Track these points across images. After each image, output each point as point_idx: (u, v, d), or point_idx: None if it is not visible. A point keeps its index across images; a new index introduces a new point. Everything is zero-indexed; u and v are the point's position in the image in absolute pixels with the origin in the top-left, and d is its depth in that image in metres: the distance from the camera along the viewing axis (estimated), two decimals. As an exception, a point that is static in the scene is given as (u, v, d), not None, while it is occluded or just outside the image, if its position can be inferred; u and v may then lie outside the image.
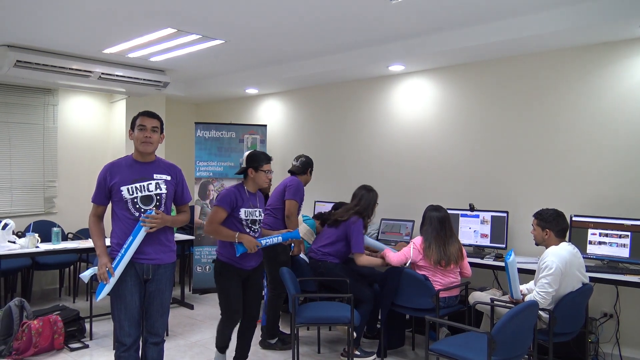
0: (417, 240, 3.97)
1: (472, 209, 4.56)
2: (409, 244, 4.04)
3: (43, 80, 5.73)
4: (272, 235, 3.64)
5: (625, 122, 4.00)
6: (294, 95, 6.55)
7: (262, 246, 3.52)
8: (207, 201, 6.27)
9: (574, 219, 3.96)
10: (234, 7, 3.83)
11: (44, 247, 4.67)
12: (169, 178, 3.03)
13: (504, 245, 4.38)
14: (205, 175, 6.30)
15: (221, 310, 3.59)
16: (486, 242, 4.48)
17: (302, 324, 3.71)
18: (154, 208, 2.93)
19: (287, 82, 6.10)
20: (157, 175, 2.99)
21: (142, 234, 2.87)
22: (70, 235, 5.97)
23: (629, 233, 3.76)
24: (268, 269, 4.39)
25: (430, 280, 3.83)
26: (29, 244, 4.55)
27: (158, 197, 2.96)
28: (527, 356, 3.27)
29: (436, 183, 5.10)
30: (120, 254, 2.86)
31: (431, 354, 3.08)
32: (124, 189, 2.90)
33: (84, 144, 6.75)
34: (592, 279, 3.49)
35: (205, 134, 6.33)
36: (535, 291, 3.28)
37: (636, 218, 3.79)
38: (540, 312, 3.24)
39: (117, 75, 5.65)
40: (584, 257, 3.46)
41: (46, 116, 6.39)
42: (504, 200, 4.58)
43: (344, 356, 4.11)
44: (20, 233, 5.27)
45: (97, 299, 2.92)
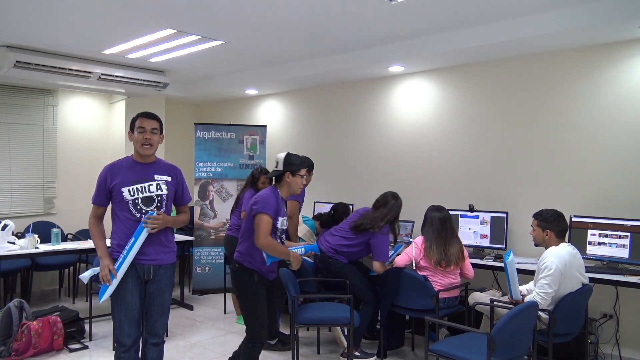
0: (419, 240, 3.97)
1: (471, 209, 4.56)
2: (409, 244, 4.04)
3: (42, 81, 5.74)
4: (294, 247, 3.44)
5: (625, 123, 4.01)
6: (294, 96, 6.55)
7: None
8: (207, 202, 6.27)
9: (573, 219, 3.96)
10: (233, 8, 3.83)
11: (44, 247, 4.66)
12: (169, 179, 3.03)
13: (503, 246, 4.38)
14: (205, 176, 6.30)
15: (248, 328, 3.24)
16: (486, 242, 4.48)
17: (302, 324, 3.70)
18: (155, 209, 2.93)
19: (287, 83, 6.10)
20: (157, 176, 2.99)
21: (144, 235, 2.87)
22: (69, 236, 5.97)
23: (628, 234, 3.76)
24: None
25: (430, 280, 3.83)
26: (29, 245, 4.55)
27: (159, 198, 2.96)
28: (526, 357, 3.26)
29: (436, 184, 5.10)
30: (122, 255, 2.86)
31: (431, 354, 3.08)
32: (124, 190, 2.89)
33: (83, 145, 6.75)
34: (591, 279, 3.49)
35: (205, 134, 6.33)
36: (535, 292, 3.27)
37: (636, 218, 3.78)
38: (540, 313, 3.24)
39: (116, 76, 5.65)
40: (583, 258, 3.45)
41: (46, 117, 6.39)
42: (503, 200, 4.58)
43: (344, 357, 4.10)
44: (19, 234, 5.26)
45: (100, 301, 2.91)
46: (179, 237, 5.61)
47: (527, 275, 3.77)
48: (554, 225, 3.40)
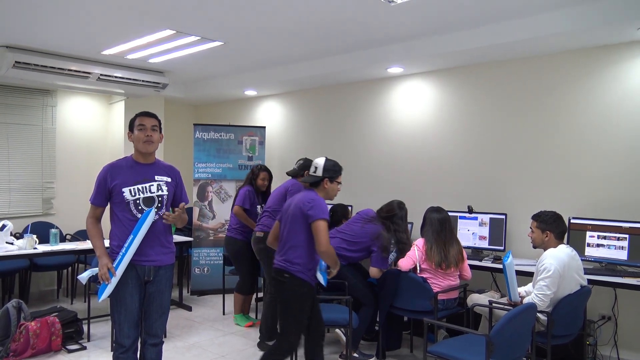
0: (420, 242, 3.97)
1: (470, 211, 4.57)
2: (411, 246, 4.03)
3: (42, 81, 5.73)
4: None
5: (624, 125, 4.01)
6: (293, 97, 6.55)
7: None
8: (206, 203, 6.27)
9: (572, 221, 3.96)
10: (232, 9, 3.83)
11: (42, 248, 4.66)
12: (169, 180, 3.03)
13: (502, 248, 4.38)
14: (204, 176, 6.30)
15: (283, 334, 3.18)
16: (484, 244, 4.49)
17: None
18: (156, 210, 2.92)
19: (286, 84, 6.10)
20: (158, 177, 2.98)
21: (142, 232, 2.85)
22: (68, 237, 5.97)
23: (627, 235, 3.76)
24: (267, 271, 4.40)
25: (430, 282, 3.83)
26: (27, 245, 4.54)
27: (160, 199, 2.96)
28: (525, 359, 3.26)
29: (435, 185, 5.10)
30: (121, 254, 2.84)
31: (429, 356, 3.08)
32: (125, 190, 2.88)
33: (82, 145, 6.74)
34: (590, 281, 3.49)
35: (204, 135, 6.33)
36: (534, 293, 3.28)
37: (634, 220, 3.79)
38: (539, 315, 3.24)
39: (115, 76, 5.65)
40: (582, 260, 3.45)
41: (45, 117, 6.38)
42: (502, 202, 4.59)
43: (343, 358, 4.10)
44: (18, 234, 5.26)
45: (100, 300, 2.88)
46: (177, 238, 5.60)
47: (525, 276, 3.76)
48: (553, 227, 3.40)
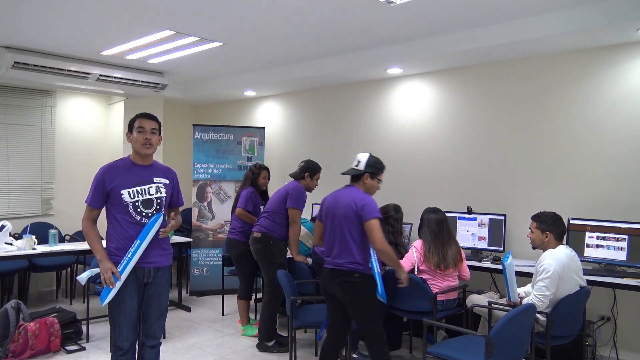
0: (418, 243, 3.96)
1: (469, 211, 4.57)
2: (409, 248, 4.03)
3: (41, 82, 5.73)
4: None
5: (623, 126, 4.01)
6: (292, 98, 6.55)
7: None
8: (205, 203, 6.26)
9: (571, 222, 3.96)
10: (231, 10, 3.83)
11: (41, 249, 4.65)
12: (167, 182, 3.01)
13: (501, 248, 4.38)
14: (203, 177, 6.30)
15: (372, 331, 3.19)
16: (484, 245, 4.48)
17: (300, 326, 3.70)
18: (155, 211, 2.91)
19: (285, 85, 6.10)
20: (156, 179, 2.97)
21: (150, 237, 2.84)
22: (67, 237, 5.96)
23: (626, 236, 3.77)
24: (264, 272, 4.39)
25: (429, 283, 3.83)
26: (26, 246, 4.53)
27: (158, 201, 2.94)
28: (524, 359, 3.26)
29: (434, 186, 5.10)
30: (127, 258, 2.82)
31: (428, 356, 3.08)
32: (124, 192, 2.86)
33: (81, 146, 6.74)
34: (589, 282, 3.49)
35: (203, 136, 6.33)
36: (533, 294, 3.27)
37: (633, 221, 3.79)
38: (538, 315, 3.24)
39: (115, 77, 5.65)
40: (581, 260, 3.46)
41: (44, 118, 6.38)
42: (501, 203, 4.59)
43: (341, 359, 4.10)
44: (17, 235, 5.25)
45: (103, 304, 2.85)
46: (177, 239, 5.60)
47: (525, 277, 3.76)
48: (553, 228, 3.39)
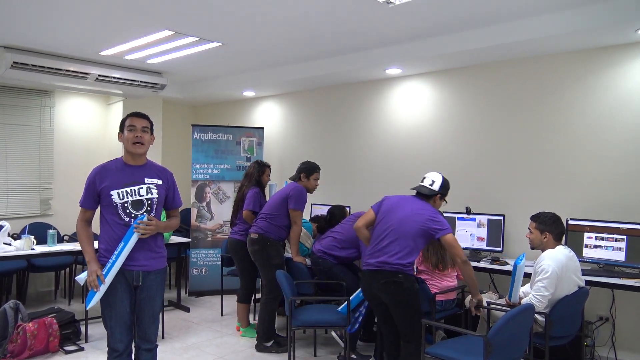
0: None
1: (468, 212, 4.56)
2: None
3: (40, 82, 5.72)
4: None
5: (622, 126, 4.02)
6: (291, 98, 6.55)
7: None
8: (204, 203, 6.26)
9: (570, 222, 3.97)
10: (231, 10, 3.83)
11: (40, 249, 4.65)
12: (160, 182, 2.94)
13: (500, 249, 4.38)
14: (202, 177, 6.29)
15: (413, 331, 3.21)
16: (482, 245, 4.49)
17: (299, 327, 3.70)
18: (145, 213, 2.85)
19: (284, 85, 6.10)
20: (148, 179, 2.90)
21: (133, 239, 2.78)
22: (66, 238, 5.96)
23: (624, 237, 3.77)
24: (262, 273, 4.39)
25: (428, 284, 3.83)
26: (25, 246, 4.53)
27: (149, 202, 2.88)
28: (522, 359, 3.27)
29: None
30: (111, 261, 2.77)
31: (427, 356, 3.08)
32: (114, 193, 2.81)
33: (80, 146, 6.73)
34: (588, 282, 3.49)
35: (202, 136, 6.33)
36: (532, 295, 3.28)
37: (632, 222, 3.79)
38: (537, 316, 3.24)
39: (114, 77, 5.65)
40: (580, 261, 3.45)
41: (42, 118, 6.37)
42: (500, 203, 4.59)
43: (340, 359, 4.10)
44: (15, 235, 5.25)
45: (87, 307, 2.85)
46: (175, 239, 5.60)
47: (524, 278, 3.75)
48: (552, 228, 3.39)
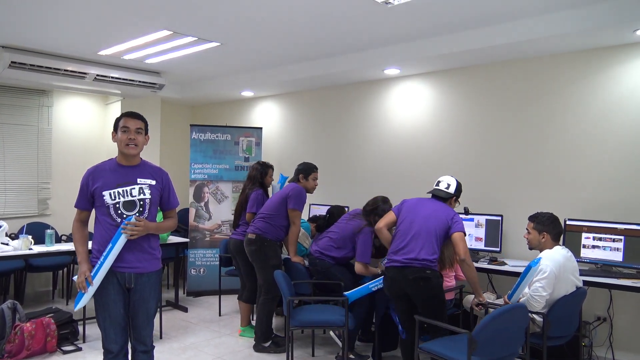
0: None
1: (466, 212, 4.56)
2: None
3: (38, 82, 5.71)
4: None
5: (620, 127, 4.02)
6: (290, 98, 6.55)
7: None
8: (202, 203, 6.26)
9: (568, 222, 3.97)
10: (229, 10, 3.83)
11: (38, 249, 4.64)
12: (153, 182, 2.88)
13: (498, 249, 4.38)
14: (201, 177, 6.29)
15: (440, 334, 3.34)
16: (481, 245, 4.49)
17: (297, 327, 3.70)
18: (136, 214, 2.81)
19: (283, 85, 6.10)
20: (141, 180, 2.85)
21: (121, 241, 2.73)
22: (64, 237, 5.95)
23: (622, 237, 3.78)
24: (260, 273, 4.39)
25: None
26: (22, 246, 4.52)
27: (141, 203, 2.83)
28: (518, 359, 3.27)
29: (431, 186, 5.09)
30: (99, 262, 2.74)
31: (421, 352, 3.13)
32: (106, 194, 2.78)
33: (78, 146, 6.72)
34: (585, 282, 3.50)
35: (201, 136, 6.32)
36: (529, 295, 3.28)
37: (630, 222, 3.80)
38: (534, 316, 3.25)
39: (112, 77, 5.64)
40: (577, 261, 3.46)
41: (41, 118, 6.36)
42: (498, 204, 4.59)
43: (338, 359, 4.10)
44: (13, 235, 5.25)
45: (75, 309, 2.84)
46: (173, 239, 5.59)
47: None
48: (550, 228, 3.40)
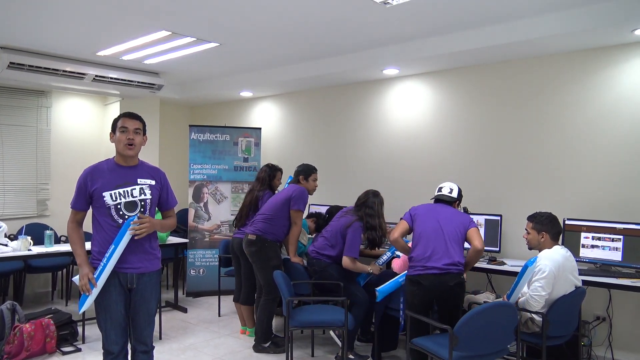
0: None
1: (465, 212, 4.56)
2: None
3: (36, 82, 5.70)
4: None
5: (619, 126, 4.03)
6: (289, 98, 6.55)
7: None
8: (201, 204, 6.25)
9: (567, 222, 3.98)
10: (228, 10, 3.83)
11: (37, 250, 4.63)
12: (153, 183, 2.89)
13: (497, 249, 4.38)
14: (200, 178, 6.29)
15: None
16: (480, 245, 4.49)
17: (296, 327, 3.70)
18: (138, 214, 2.80)
19: (282, 85, 6.10)
20: (141, 180, 2.85)
21: (125, 241, 2.72)
22: (63, 238, 5.94)
23: (621, 236, 3.78)
24: (260, 274, 4.39)
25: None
26: (22, 247, 4.52)
27: (142, 203, 2.83)
28: (507, 356, 3.28)
29: (430, 186, 5.06)
30: (102, 264, 2.73)
31: (412, 347, 3.18)
32: (106, 194, 2.76)
33: (77, 147, 6.71)
34: (584, 282, 3.50)
35: (200, 136, 6.32)
36: (529, 294, 3.28)
37: (629, 222, 3.81)
38: (534, 315, 3.26)
39: (111, 77, 5.64)
40: (576, 261, 3.47)
41: (39, 118, 6.35)
42: (497, 203, 4.60)
43: (338, 359, 4.10)
44: (12, 236, 5.24)
45: (80, 312, 2.84)
46: (173, 240, 5.59)
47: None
48: (549, 228, 3.40)
